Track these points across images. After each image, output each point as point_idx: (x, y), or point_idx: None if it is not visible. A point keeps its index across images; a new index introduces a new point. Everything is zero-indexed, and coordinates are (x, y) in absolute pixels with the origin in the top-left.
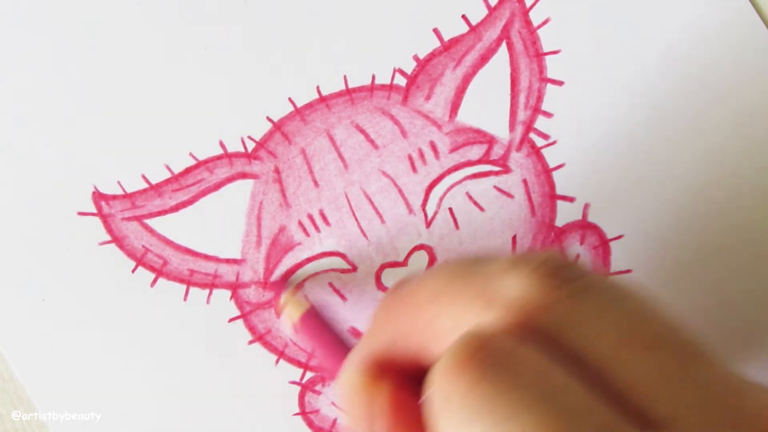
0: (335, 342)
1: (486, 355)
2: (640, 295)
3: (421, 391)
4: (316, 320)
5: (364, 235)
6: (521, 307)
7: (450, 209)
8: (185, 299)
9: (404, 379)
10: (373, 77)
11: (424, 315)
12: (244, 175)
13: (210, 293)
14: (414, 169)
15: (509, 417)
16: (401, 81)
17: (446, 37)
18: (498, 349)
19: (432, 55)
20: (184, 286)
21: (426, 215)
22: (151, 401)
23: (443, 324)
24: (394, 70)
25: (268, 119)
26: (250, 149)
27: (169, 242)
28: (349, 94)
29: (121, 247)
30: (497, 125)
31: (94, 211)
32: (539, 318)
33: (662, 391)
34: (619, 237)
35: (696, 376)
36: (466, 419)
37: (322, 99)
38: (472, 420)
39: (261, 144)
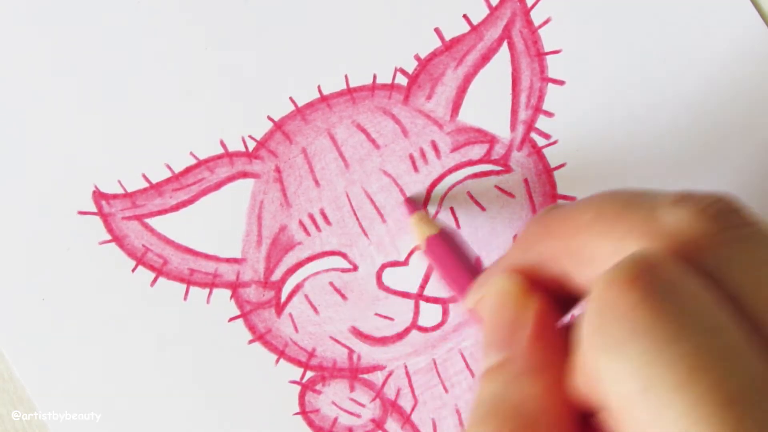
0: (461, 268)
1: (654, 277)
2: None
3: (559, 318)
4: (445, 244)
5: (365, 234)
6: (686, 242)
7: (451, 208)
8: (185, 299)
9: (550, 299)
10: (375, 77)
11: (580, 237)
12: (244, 175)
13: (210, 293)
14: (415, 168)
15: (669, 342)
16: (402, 80)
17: (447, 37)
18: (666, 273)
19: (433, 55)
20: (185, 286)
21: (427, 214)
22: (151, 401)
23: (600, 248)
24: (396, 70)
25: (269, 118)
26: (251, 148)
27: (169, 241)
28: (350, 93)
29: (122, 246)
30: (498, 125)
31: (95, 210)
32: (703, 255)
33: None
34: None
35: None
36: (625, 336)
37: (323, 98)
38: (631, 338)
39: (262, 143)
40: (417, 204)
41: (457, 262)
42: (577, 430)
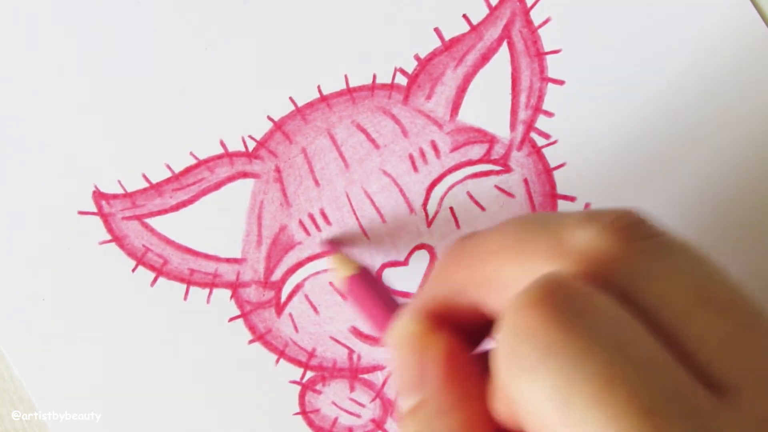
0: (384, 305)
1: (562, 297)
2: (712, 259)
3: (474, 348)
4: (365, 283)
5: (365, 234)
6: (594, 260)
7: (451, 208)
8: (185, 299)
9: (459, 334)
10: (374, 76)
11: (489, 265)
12: (244, 175)
13: (210, 293)
14: (415, 168)
15: (582, 359)
16: (402, 80)
17: (447, 37)
18: (574, 292)
19: (433, 55)
20: (185, 286)
21: (427, 214)
22: (151, 401)
23: (510, 274)
24: (395, 70)
25: (269, 118)
26: (250, 148)
27: (169, 241)
28: (350, 93)
29: (122, 246)
30: (498, 125)
31: (95, 210)
32: (612, 271)
33: (731, 356)
34: None
35: (765, 344)
36: (537, 357)
37: (323, 98)
38: (544, 358)
39: (262, 143)
40: (337, 245)
41: (379, 300)
42: None
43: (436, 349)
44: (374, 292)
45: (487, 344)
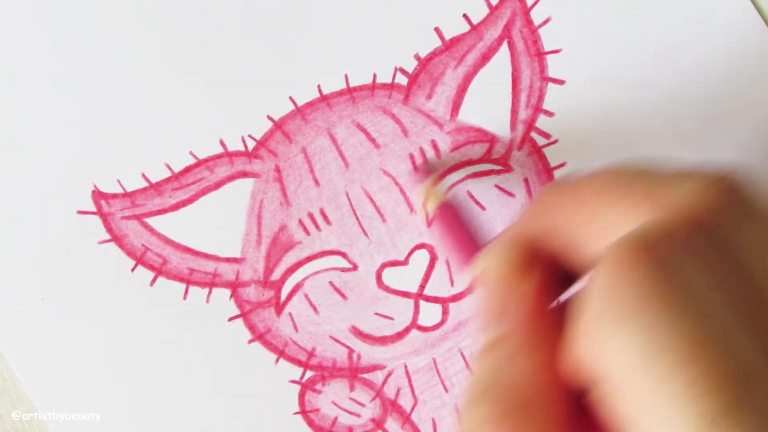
0: (468, 238)
1: (662, 252)
2: None
3: (554, 295)
4: (452, 214)
5: (365, 233)
6: (697, 213)
7: None
8: (185, 298)
9: (549, 273)
10: (375, 76)
11: (586, 209)
12: (244, 174)
13: (210, 292)
14: (415, 168)
15: (674, 318)
16: (402, 80)
17: (447, 36)
18: (675, 248)
19: (433, 54)
20: (184, 285)
21: (427, 214)
22: (150, 400)
23: (607, 220)
24: (396, 69)
25: (269, 118)
26: (250, 148)
27: (168, 241)
28: (350, 93)
29: (121, 245)
30: (498, 124)
31: (94, 209)
32: (714, 227)
33: None
34: None
35: None
36: (631, 309)
37: (323, 98)
38: (637, 310)
39: (261, 143)
40: (428, 171)
41: (465, 232)
42: (569, 411)
43: (530, 284)
44: (462, 224)
45: (565, 295)
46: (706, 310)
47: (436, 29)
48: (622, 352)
